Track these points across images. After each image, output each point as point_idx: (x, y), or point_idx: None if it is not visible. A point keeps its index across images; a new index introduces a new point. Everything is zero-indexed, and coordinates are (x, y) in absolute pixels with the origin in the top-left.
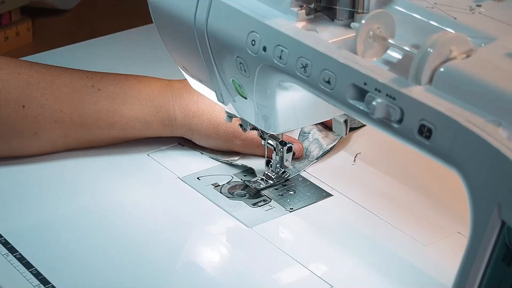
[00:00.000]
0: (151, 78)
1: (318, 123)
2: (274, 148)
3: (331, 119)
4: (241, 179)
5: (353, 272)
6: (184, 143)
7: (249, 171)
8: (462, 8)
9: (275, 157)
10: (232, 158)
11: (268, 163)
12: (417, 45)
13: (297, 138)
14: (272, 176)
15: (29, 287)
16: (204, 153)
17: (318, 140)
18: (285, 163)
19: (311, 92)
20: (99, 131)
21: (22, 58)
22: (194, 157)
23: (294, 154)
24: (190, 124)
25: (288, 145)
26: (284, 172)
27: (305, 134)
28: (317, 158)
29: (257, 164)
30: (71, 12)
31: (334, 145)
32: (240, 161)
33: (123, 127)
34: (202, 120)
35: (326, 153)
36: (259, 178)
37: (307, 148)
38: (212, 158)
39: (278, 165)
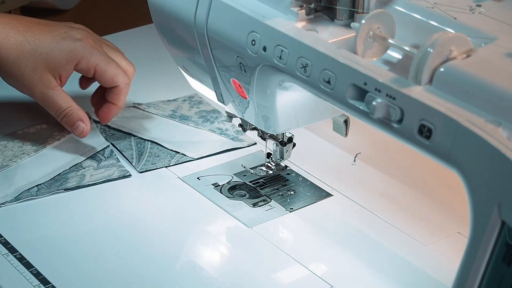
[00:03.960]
0: None
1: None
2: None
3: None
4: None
5: (353, 272)
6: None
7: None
8: (462, 8)
9: (275, 149)
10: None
11: (268, 155)
12: (417, 45)
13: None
14: (273, 167)
15: (29, 287)
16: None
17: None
18: (285, 155)
19: (311, 92)
20: None
21: None
22: None
23: None
24: None
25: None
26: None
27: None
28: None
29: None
30: (71, 12)
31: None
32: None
33: None
34: None
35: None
36: (260, 167)
37: None
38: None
39: (278, 157)
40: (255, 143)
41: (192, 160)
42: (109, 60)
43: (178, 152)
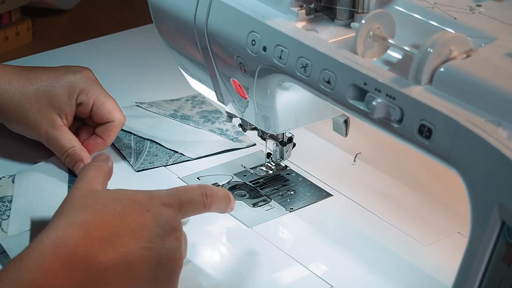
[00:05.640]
0: None
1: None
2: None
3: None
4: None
5: (353, 272)
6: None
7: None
8: (462, 8)
9: (275, 149)
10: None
11: (268, 155)
12: (417, 45)
13: None
14: (273, 167)
15: None
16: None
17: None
18: (285, 155)
19: (311, 92)
20: None
21: (22, 58)
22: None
23: (294, 145)
24: None
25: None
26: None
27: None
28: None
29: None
30: (71, 12)
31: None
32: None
33: None
34: None
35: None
36: (260, 167)
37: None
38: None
39: (278, 157)
40: (255, 144)
41: (190, 160)
42: (108, 95)
43: (177, 152)
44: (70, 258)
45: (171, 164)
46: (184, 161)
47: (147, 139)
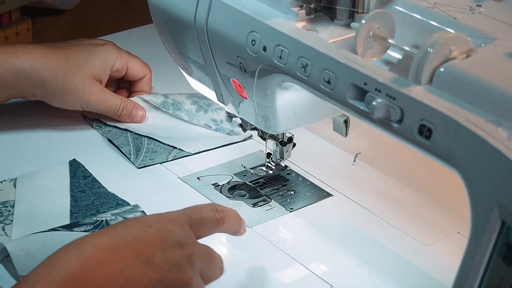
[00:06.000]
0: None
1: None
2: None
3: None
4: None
5: (353, 272)
6: None
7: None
8: (462, 8)
9: (275, 149)
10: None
11: (268, 155)
12: (417, 45)
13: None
14: (273, 167)
15: None
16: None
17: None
18: (285, 155)
19: (311, 92)
20: None
21: None
22: (194, 157)
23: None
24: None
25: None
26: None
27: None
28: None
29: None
30: (71, 12)
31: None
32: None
33: None
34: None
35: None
36: (260, 167)
37: None
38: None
39: (278, 157)
40: (251, 136)
41: (190, 155)
42: (134, 56)
43: (176, 148)
44: (65, 278)
45: (172, 160)
46: (184, 157)
47: (144, 136)
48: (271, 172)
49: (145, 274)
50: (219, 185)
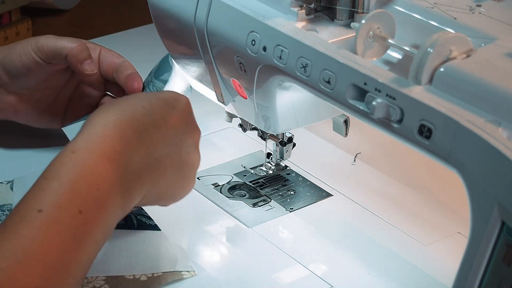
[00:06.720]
0: None
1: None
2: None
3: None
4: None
5: (353, 272)
6: None
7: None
8: (462, 8)
9: (275, 149)
10: None
11: (268, 155)
12: (417, 45)
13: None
14: (273, 167)
15: None
16: None
17: None
18: (285, 155)
19: (311, 92)
20: None
21: None
22: None
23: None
24: None
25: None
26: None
27: None
28: None
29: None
30: (71, 12)
31: None
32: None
33: None
34: None
35: None
36: (260, 167)
37: None
38: None
39: (278, 157)
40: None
41: None
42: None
43: None
44: (111, 154)
45: None
46: None
47: None
48: (271, 172)
49: (169, 156)
50: (219, 185)
